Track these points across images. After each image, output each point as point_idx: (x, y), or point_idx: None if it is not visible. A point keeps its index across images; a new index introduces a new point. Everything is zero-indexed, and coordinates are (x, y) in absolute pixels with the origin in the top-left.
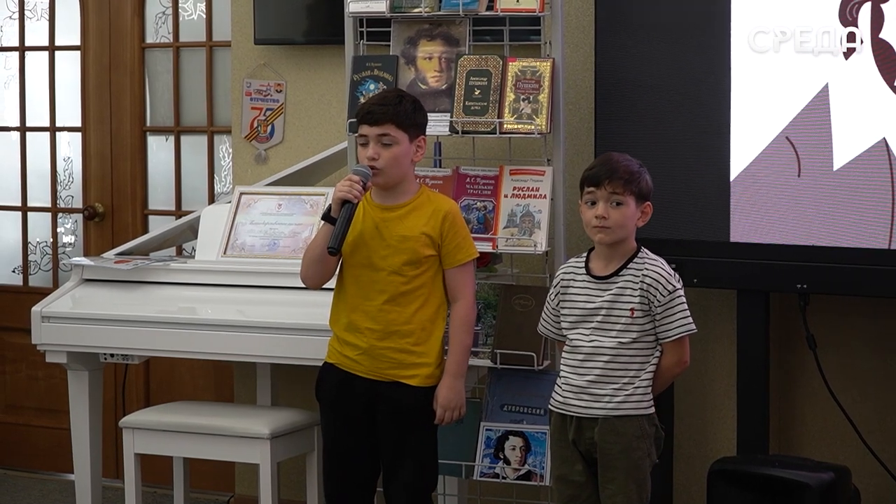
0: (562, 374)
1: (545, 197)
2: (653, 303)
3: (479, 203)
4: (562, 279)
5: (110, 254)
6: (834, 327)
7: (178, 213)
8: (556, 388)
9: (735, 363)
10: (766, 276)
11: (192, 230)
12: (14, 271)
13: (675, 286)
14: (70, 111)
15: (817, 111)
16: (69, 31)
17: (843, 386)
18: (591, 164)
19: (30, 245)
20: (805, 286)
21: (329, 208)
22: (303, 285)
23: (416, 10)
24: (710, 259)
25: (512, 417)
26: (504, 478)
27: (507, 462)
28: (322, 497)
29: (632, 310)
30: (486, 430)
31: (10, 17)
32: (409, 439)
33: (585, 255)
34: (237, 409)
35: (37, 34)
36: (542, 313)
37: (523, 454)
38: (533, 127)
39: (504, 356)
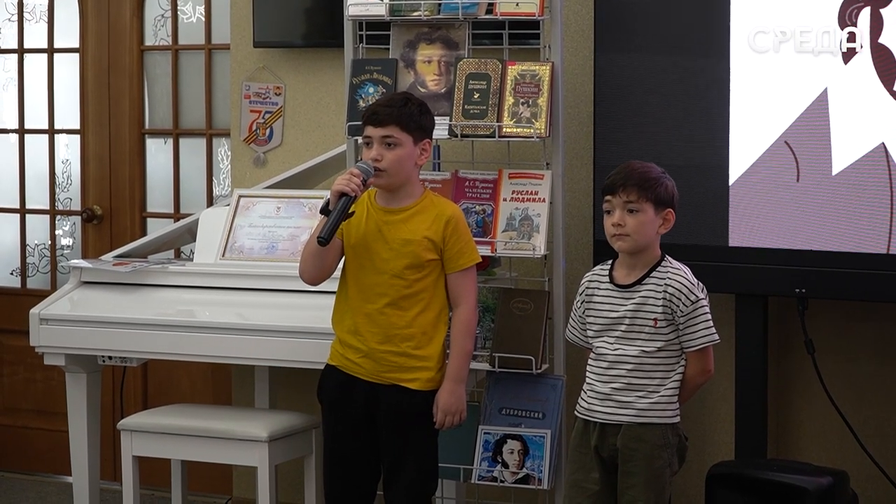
0: (587, 380)
1: (544, 201)
2: (675, 313)
3: (477, 207)
4: (587, 287)
5: (109, 256)
6: (832, 332)
7: (177, 215)
8: (582, 394)
9: (733, 367)
10: (764, 280)
11: (190, 233)
12: (12, 273)
13: (697, 296)
14: (69, 114)
15: (816, 116)
16: (68, 33)
17: (841, 390)
18: (612, 172)
19: (28, 247)
20: (803, 290)
21: (327, 201)
22: (301, 288)
23: (416, 13)
24: (709, 263)
25: (510, 421)
26: (502, 481)
27: (506, 466)
28: (321, 500)
29: (655, 320)
30: (485, 433)
31: (9, 20)
32: (409, 443)
33: (610, 262)
34: (235, 412)
35: (36, 36)
36: (569, 320)
37: (521, 458)
38: (532, 131)
39: (502, 360)
